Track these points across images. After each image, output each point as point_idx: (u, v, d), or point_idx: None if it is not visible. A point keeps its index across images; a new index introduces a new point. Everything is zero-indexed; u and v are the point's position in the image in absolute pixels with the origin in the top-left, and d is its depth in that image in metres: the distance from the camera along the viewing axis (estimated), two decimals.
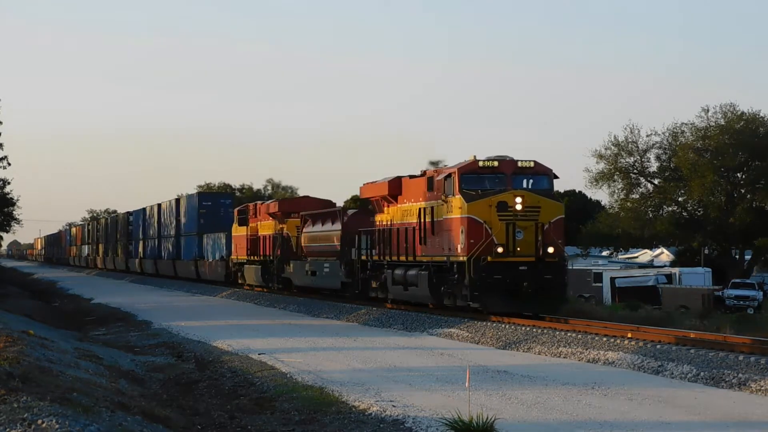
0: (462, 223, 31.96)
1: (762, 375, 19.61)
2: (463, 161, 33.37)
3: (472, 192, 32.13)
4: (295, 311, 43.16)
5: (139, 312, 43.71)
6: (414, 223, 35.82)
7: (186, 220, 76.84)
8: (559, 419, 16.35)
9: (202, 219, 71.84)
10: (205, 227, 71.20)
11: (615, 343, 25.00)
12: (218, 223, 69.30)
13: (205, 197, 75.40)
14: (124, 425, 14.17)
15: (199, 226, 71.85)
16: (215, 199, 75.77)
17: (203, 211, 72.32)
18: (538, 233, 31.36)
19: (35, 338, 25.54)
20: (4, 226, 72.57)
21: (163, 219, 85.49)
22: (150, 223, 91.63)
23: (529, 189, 32.18)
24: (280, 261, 51.81)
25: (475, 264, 31.12)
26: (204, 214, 72.11)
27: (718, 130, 64.52)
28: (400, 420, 16.13)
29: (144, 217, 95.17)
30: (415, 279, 35.64)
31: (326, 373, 22.08)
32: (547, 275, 31.40)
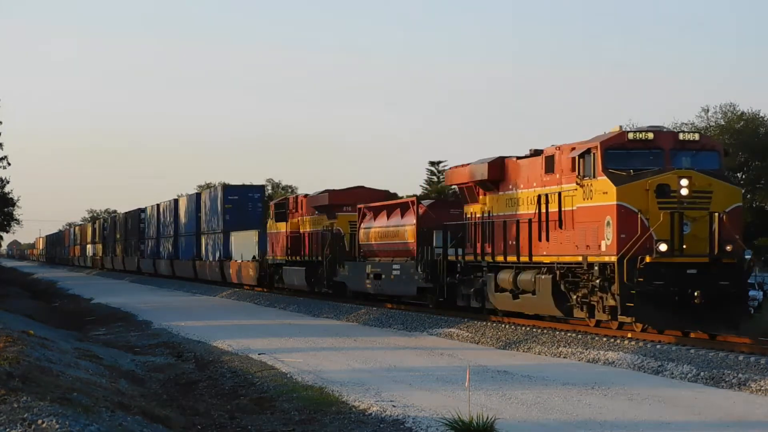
0: (609, 213, 25.19)
1: (762, 375, 19.61)
2: (604, 134, 26.67)
3: (621, 172, 25.37)
4: (295, 311, 43.16)
5: (139, 312, 43.72)
6: (528, 214, 28.85)
7: (208, 217, 70.18)
8: (559, 419, 16.35)
9: (228, 215, 64.84)
10: (232, 224, 64.38)
11: (615, 343, 24.99)
12: (247, 220, 63.27)
13: (232, 190, 66.72)
14: (124, 425, 14.18)
15: (225, 223, 64.99)
16: (243, 192, 66.79)
17: (229, 206, 65.08)
18: (712, 226, 24.83)
19: (35, 338, 25.54)
20: (4, 226, 72.52)
21: (180, 216, 78.87)
22: (165, 221, 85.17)
23: (695, 169, 25.42)
24: (331, 262, 44.33)
25: (629, 266, 24.32)
26: (230, 209, 64.98)
27: (718, 130, 64.54)
28: (400, 420, 16.14)
29: (158, 214, 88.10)
30: (532, 285, 28.48)
31: (326, 373, 22.09)
32: (724, 281, 24.82)
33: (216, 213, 67.27)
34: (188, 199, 77.47)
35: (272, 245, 53.53)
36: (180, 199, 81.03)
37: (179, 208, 79.76)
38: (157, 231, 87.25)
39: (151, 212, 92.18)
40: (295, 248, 50.02)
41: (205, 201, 71.23)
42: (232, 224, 64.23)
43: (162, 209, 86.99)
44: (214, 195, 69.38)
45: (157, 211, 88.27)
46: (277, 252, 52.59)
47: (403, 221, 37.92)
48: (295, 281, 49.38)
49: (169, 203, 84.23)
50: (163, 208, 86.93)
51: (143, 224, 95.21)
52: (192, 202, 75.18)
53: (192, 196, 75.72)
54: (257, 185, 69.41)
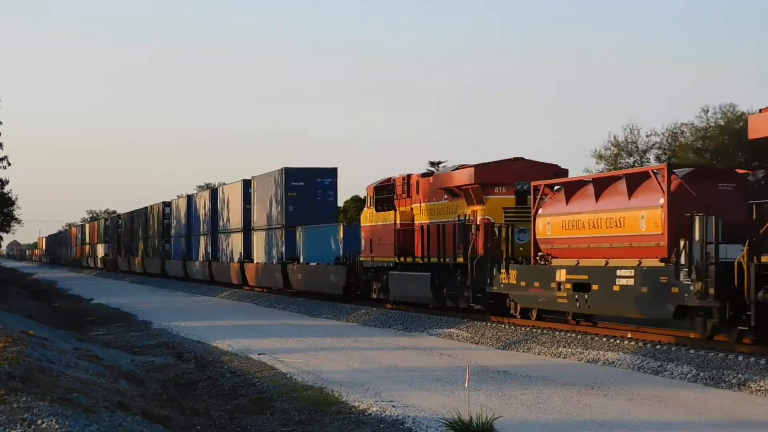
0: None
1: (762, 375, 19.61)
2: None
3: None
4: (295, 311, 43.16)
5: (139, 312, 43.73)
6: None
7: (260, 209, 57.34)
8: (558, 419, 16.35)
9: (291, 206, 52.12)
10: (297, 217, 51.75)
11: (615, 343, 25.00)
12: (316, 211, 51.58)
13: (295, 175, 52.85)
14: (124, 425, 14.18)
15: (288, 217, 52.31)
16: (310, 177, 52.96)
17: (293, 194, 52.29)
18: None
19: (35, 338, 25.54)
20: (4, 226, 72.54)
21: (220, 209, 66.56)
22: (198, 216, 72.54)
23: None
24: (481, 265, 32.00)
25: None
26: (294, 199, 52.30)
27: (718, 131, 64.64)
28: (399, 420, 16.14)
29: (189, 207, 75.26)
30: None
31: (326, 373, 22.09)
32: None
33: (273, 204, 54.57)
34: (231, 189, 65.21)
35: (369, 243, 40.51)
36: (222, 188, 69.13)
37: (219, 200, 67.52)
38: (188, 228, 75.66)
39: (179, 206, 79.83)
40: (406, 246, 37.49)
41: (255, 190, 58.62)
42: (297, 217, 51.86)
43: (195, 202, 74.01)
44: (270, 182, 55.50)
45: (189, 204, 75.80)
46: (377, 251, 39.65)
47: (634, 202, 25.87)
48: (412, 291, 36.85)
49: (205, 194, 71.81)
50: (197, 200, 73.87)
51: (167, 220, 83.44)
52: (236, 191, 62.95)
53: (236, 185, 63.15)
54: (328, 168, 53.37)
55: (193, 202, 74.74)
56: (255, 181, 58.63)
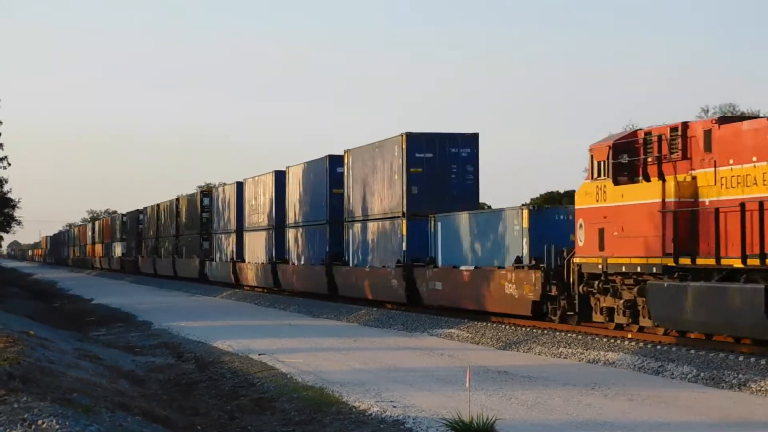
0: None
1: (762, 376, 19.60)
2: None
3: None
4: (296, 312, 43.15)
5: (140, 312, 43.73)
6: None
7: (362, 191, 42.08)
8: (559, 419, 16.35)
9: (416, 186, 37.74)
10: (422, 201, 37.53)
11: (615, 343, 24.99)
12: (448, 194, 37.58)
13: (418, 143, 37.82)
14: (124, 425, 14.18)
15: (410, 201, 37.59)
16: (440, 146, 38.05)
17: (416, 170, 37.65)
18: None
19: (35, 339, 25.55)
20: (4, 226, 72.50)
21: (292, 195, 51.08)
22: (252, 207, 57.89)
23: None
24: None
25: None
26: (418, 177, 37.73)
27: None
28: (400, 420, 16.13)
29: (239, 196, 60.23)
30: None
31: (326, 373, 22.09)
32: None
33: (385, 185, 39.74)
34: (306, 168, 49.14)
35: (596, 234, 26.49)
36: (289, 170, 51.61)
37: (288, 182, 51.49)
38: (238, 221, 60.59)
39: (224, 196, 65.03)
40: (688, 239, 23.50)
41: (352, 167, 43.11)
42: (423, 202, 37.59)
43: (249, 189, 58.76)
44: (380, 154, 40.37)
45: (238, 192, 60.79)
46: (617, 248, 25.67)
47: None
48: (722, 317, 21.97)
49: (266, 179, 55.54)
50: (249, 188, 58.81)
51: (206, 213, 69.46)
52: (317, 171, 47.14)
53: (318, 161, 47.11)
54: (465, 134, 38.47)
55: (246, 191, 59.17)
56: (351, 155, 43.09)
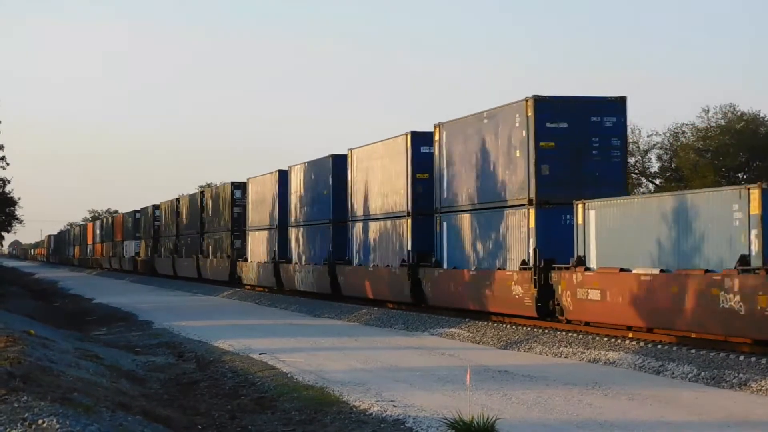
0: None
1: (763, 375, 19.60)
2: None
3: None
4: (297, 311, 43.15)
5: (140, 312, 43.73)
6: None
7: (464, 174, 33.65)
8: (560, 419, 16.34)
9: (547, 165, 29.56)
10: (560, 184, 29.44)
11: (616, 343, 24.99)
12: (590, 174, 29.72)
13: (550, 109, 29.66)
14: (124, 425, 14.18)
15: (540, 184, 29.40)
16: (581, 112, 29.95)
17: (548, 144, 29.45)
18: None
19: (36, 338, 25.55)
20: (5, 225, 72.50)
21: (354, 183, 42.59)
22: (305, 197, 48.69)
23: None
24: None
25: None
26: (551, 154, 29.50)
27: (719, 131, 64.57)
28: (400, 420, 16.13)
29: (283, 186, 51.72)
30: None
31: (327, 373, 22.09)
32: None
33: (494, 164, 31.59)
34: (373, 151, 41.11)
35: None
36: (352, 152, 42.82)
37: (353, 168, 42.75)
38: (281, 216, 52.01)
39: (262, 187, 56.25)
40: None
41: (446, 142, 34.66)
42: (557, 185, 29.41)
43: (296, 177, 50.01)
44: (492, 125, 31.82)
45: (281, 182, 52.27)
46: None
47: None
48: None
49: (317, 164, 46.97)
50: (297, 175, 49.75)
51: (238, 208, 61.74)
52: (393, 152, 38.81)
53: (394, 141, 38.71)
54: (610, 98, 30.27)
55: (292, 179, 50.37)
56: (444, 130, 34.73)
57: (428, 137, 36.32)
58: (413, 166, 37.29)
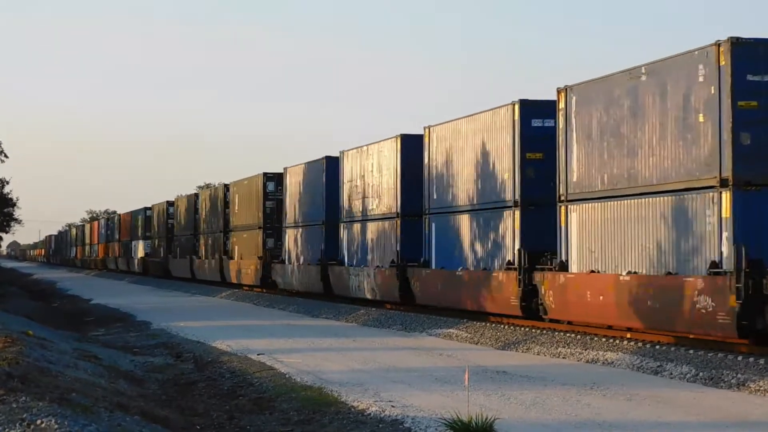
0: None
1: (761, 375, 19.62)
2: None
3: None
4: (295, 312, 43.15)
5: (138, 312, 43.72)
6: None
7: (586, 152, 27.11)
8: (558, 419, 16.35)
9: (747, 133, 21.93)
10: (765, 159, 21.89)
11: (614, 343, 25.00)
12: None
13: (752, 57, 21.85)
14: (123, 425, 14.17)
15: (737, 158, 21.83)
16: None
17: (749, 105, 21.86)
18: None
19: (34, 339, 25.53)
20: (4, 226, 72.46)
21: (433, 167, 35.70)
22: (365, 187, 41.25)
23: None
24: None
25: None
26: (752, 117, 21.88)
27: None
28: (399, 420, 16.13)
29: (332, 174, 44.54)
30: None
31: (325, 373, 22.09)
32: None
33: (660, 134, 24.39)
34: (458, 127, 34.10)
35: None
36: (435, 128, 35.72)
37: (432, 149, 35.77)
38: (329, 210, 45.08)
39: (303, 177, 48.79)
40: None
41: (573, 112, 27.82)
42: (761, 160, 22.04)
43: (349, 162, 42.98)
44: (649, 84, 24.84)
45: (329, 170, 45.25)
46: None
47: None
48: None
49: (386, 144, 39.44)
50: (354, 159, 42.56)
51: (271, 202, 55.33)
52: (490, 128, 32.03)
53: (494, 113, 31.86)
54: None
55: (341, 166, 43.65)
56: (576, 93, 27.74)
57: (544, 107, 30.07)
58: (522, 143, 30.08)
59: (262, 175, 56.05)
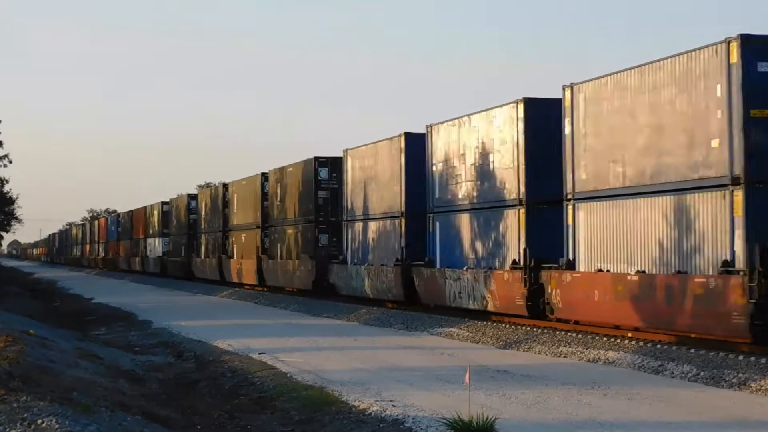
0: None
1: (762, 375, 19.60)
2: None
3: None
4: (296, 311, 43.14)
5: (140, 311, 43.71)
6: None
7: None
8: (559, 419, 16.34)
9: None
10: None
11: (615, 342, 24.99)
12: None
13: None
14: (124, 425, 14.18)
15: None
16: None
17: None
18: None
19: (35, 338, 25.54)
20: (5, 225, 72.46)
21: (579, 137, 27.46)
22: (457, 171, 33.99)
23: None
24: None
25: None
26: None
27: None
28: (400, 419, 16.13)
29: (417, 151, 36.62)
30: None
31: (326, 372, 22.08)
32: None
33: None
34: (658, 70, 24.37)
35: None
36: (583, 86, 27.39)
37: (579, 115, 27.54)
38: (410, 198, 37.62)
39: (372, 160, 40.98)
40: None
41: None
42: None
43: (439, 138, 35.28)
44: None
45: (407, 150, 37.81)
46: None
47: None
48: None
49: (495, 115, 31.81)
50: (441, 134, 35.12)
51: (324, 192, 47.05)
52: (694, 75, 23.08)
53: (700, 56, 22.98)
54: None
55: (430, 142, 35.70)
56: None
57: None
58: (745, 96, 21.84)
59: (313, 159, 47.42)
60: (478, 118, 32.73)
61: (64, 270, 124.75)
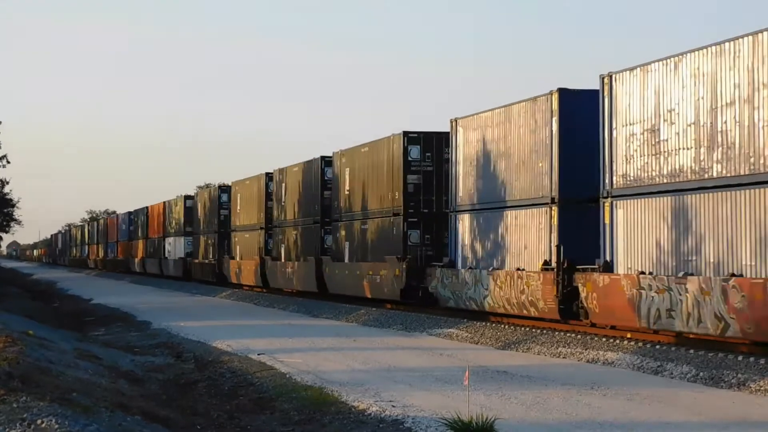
0: None
1: (761, 375, 19.62)
2: None
3: None
4: (295, 311, 43.14)
5: (139, 312, 43.72)
6: None
7: None
8: (558, 419, 16.35)
9: None
10: None
11: (614, 343, 25.00)
12: None
13: None
14: (123, 425, 14.18)
15: None
16: None
17: None
18: None
19: (35, 338, 25.54)
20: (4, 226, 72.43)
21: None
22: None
23: None
24: None
25: None
26: None
27: None
28: (399, 420, 16.13)
29: (588, 109, 26.93)
30: None
31: (326, 373, 22.09)
32: None
33: None
34: None
35: None
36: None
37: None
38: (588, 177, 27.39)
39: (505, 126, 31.47)
40: None
41: None
42: None
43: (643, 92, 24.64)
44: None
45: (588, 107, 27.19)
46: None
47: None
48: None
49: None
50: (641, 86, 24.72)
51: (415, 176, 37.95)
52: None
53: None
54: None
55: (612, 98, 25.98)
56: None
57: None
58: None
59: (402, 134, 37.91)
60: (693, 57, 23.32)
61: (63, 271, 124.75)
